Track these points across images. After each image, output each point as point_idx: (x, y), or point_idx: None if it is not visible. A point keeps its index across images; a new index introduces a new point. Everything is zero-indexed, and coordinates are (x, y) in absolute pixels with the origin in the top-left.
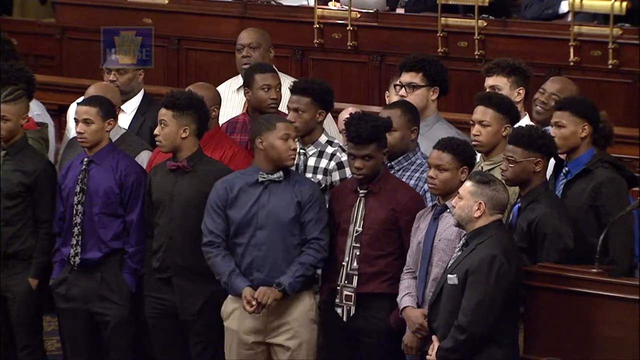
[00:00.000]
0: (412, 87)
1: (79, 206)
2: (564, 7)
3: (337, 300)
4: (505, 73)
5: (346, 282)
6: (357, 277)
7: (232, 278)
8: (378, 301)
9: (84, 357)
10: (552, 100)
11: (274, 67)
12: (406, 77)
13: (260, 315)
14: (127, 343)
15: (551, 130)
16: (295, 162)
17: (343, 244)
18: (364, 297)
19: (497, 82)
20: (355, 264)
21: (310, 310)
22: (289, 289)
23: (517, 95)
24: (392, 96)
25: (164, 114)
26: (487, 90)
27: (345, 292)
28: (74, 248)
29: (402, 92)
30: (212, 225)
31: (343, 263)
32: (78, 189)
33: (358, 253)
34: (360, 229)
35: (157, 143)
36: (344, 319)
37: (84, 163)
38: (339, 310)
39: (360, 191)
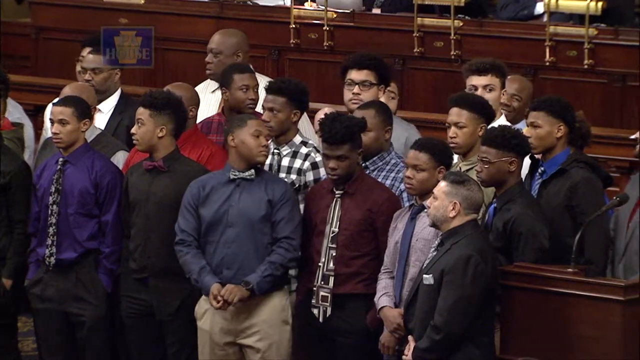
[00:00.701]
0: (368, 85)
1: (54, 206)
2: (539, 8)
3: (313, 301)
4: (500, 74)
5: (322, 282)
6: (333, 277)
7: (202, 275)
8: (354, 302)
9: (59, 357)
10: (514, 100)
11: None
12: (359, 75)
13: (231, 315)
14: (103, 343)
15: (524, 129)
16: (266, 158)
17: (319, 245)
18: (340, 297)
19: (493, 82)
20: (331, 264)
21: (281, 311)
22: (257, 288)
23: (502, 96)
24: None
25: (141, 112)
26: (479, 89)
27: (321, 293)
28: (49, 248)
29: (356, 89)
30: (184, 224)
31: (319, 264)
32: (53, 189)
33: (334, 254)
34: (337, 229)
35: (134, 142)
36: (320, 319)
37: (59, 163)
38: (315, 311)
39: (336, 192)
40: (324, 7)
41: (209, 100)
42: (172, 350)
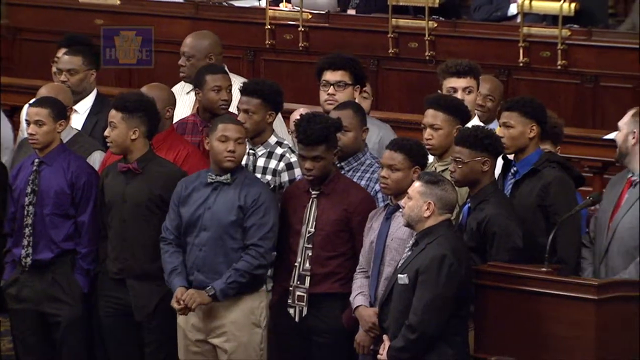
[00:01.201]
0: (343, 85)
1: (30, 207)
2: (512, 9)
3: (289, 301)
4: (477, 75)
5: (298, 282)
6: (309, 277)
7: (172, 277)
8: (330, 301)
9: (35, 357)
10: (488, 100)
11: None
12: (334, 76)
13: (203, 314)
14: (79, 343)
15: (497, 129)
16: (233, 164)
17: (295, 245)
18: (316, 297)
19: (471, 84)
20: (307, 264)
21: (251, 314)
22: (220, 295)
23: (477, 97)
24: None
25: (113, 115)
26: (459, 91)
27: (297, 293)
28: (25, 249)
29: (331, 90)
30: (168, 221)
31: (295, 264)
32: (29, 189)
33: (310, 254)
34: (313, 229)
35: (107, 144)
36: (296, 319)
37: (35, 164)
38: (291, 311)
39: (313, 192)
40: (299, 8)
41: (185, 101)
42: (150, 350)
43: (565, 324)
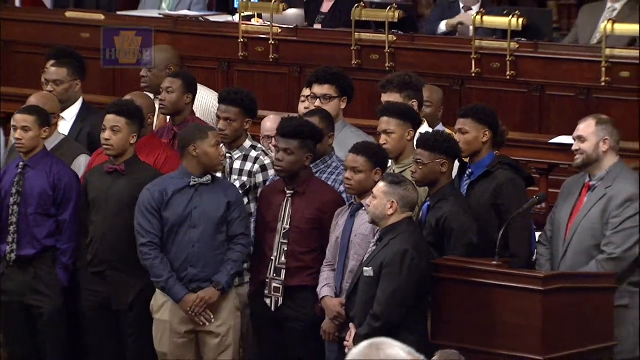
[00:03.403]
0: (328, 98)
1: (15, 207)
2: (442, 27)
3: (266, 292)
4: (397, 89)
5: (275, 275)
6: (284, 271)
7: (170, 284)
8: (304, 293)
9: (21, 346)
10: (425, 107)
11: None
12: (321, 89)
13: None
14: (60, 333)
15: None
16: (222, 167)
17: (272, 241)
18: (291, 289)
19: (392, 98)
20: (283, 258)
21: (234, 300)
22: (226, 286)
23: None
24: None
25: (118, 120)
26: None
27: (273, 285)
28: (10, 245)
29: (317, 103)
30: (148, 225)
31: (272, 258)
32: (14, 190)
33: (286, 249)
34: (288, 226)
35: (106, 147)
36: (272, 309)
37: (20, 167)
38: (267, 301)
39: (287, 192)
40: (269, 23)
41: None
42: (130, 340)
43: (514, 313)
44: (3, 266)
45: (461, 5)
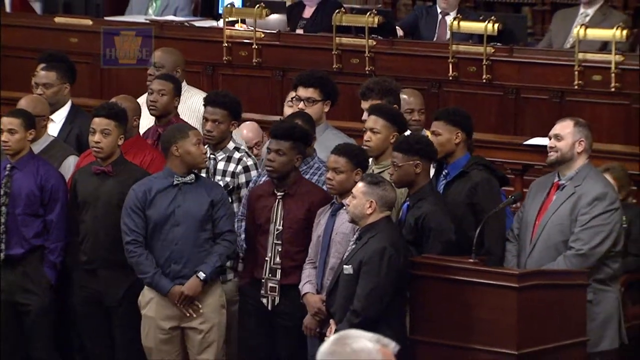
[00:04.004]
0: (312, 101)
1: (3, 207)
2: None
3: (262, 291)
4: (379, 96)
5: (270, 275)
6: (280, 270)
7: (156, 279)
8: (297, 290)
9: (9, 343)
10: (406, 112)
11: (184, 82)
12: (305, 92)
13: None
14: (47, 330)
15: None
16: (207, 164)
17: (265, 242)
18: (286, 287)
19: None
20: (277, 259)
21: (220, 297)
22: (209, 277)
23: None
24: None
25: (107, 123)
26: (365, 113)
27: (269, 284)
28: None
29: (301, 105)
30: (133, 224)
31: (266, 258)
32: (2, 192)
33: (280, 249)
34: (281, 227)
35: (96, 150)
36: (269, 307)
37: (7, 169)
38: (264, 300)
39: (278, 193)
40: (253, 28)
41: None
42: (119, 333)
43: (489, 309)
44: None
45: (438, 10)
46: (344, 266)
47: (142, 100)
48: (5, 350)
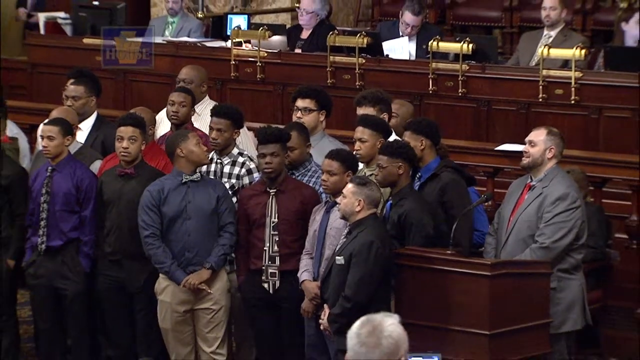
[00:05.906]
0: (308, 111)
1: (45, 205)
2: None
3: (263, 277)
4: (372, 104)
5: (270, 262)
6: (278, 257)
7: (172, 270)
8: (295, 275)
9: (49, 322)
10: (393, 117)
11: (206, 96)
12: (302, 103)
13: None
14: (82, 311)
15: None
16: (209, 159)
17: (261, 234)
18: (285, 273)
19: (366, 112)
20: (275, 247)
21: (226, 282)
22: (215, 266)
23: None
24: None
25: (133, 131)
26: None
27: (270, 270)
28: (41, 237)
29: (299, 114)
30: (150, 220)
31: (265, 248)
32: (44, 191)
33: (277, 239)
34: (276, 219)
35: (124, 154)
36: (271, 291)
37: (48, 171)
38: (265, 285)
39: (271, 190)
40: (257, 48)
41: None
42: (140, 316)
43: (465, 295)
44: (35, 255)
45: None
46: (336, 257)
47: (163, 113)
48: (46, 328)
